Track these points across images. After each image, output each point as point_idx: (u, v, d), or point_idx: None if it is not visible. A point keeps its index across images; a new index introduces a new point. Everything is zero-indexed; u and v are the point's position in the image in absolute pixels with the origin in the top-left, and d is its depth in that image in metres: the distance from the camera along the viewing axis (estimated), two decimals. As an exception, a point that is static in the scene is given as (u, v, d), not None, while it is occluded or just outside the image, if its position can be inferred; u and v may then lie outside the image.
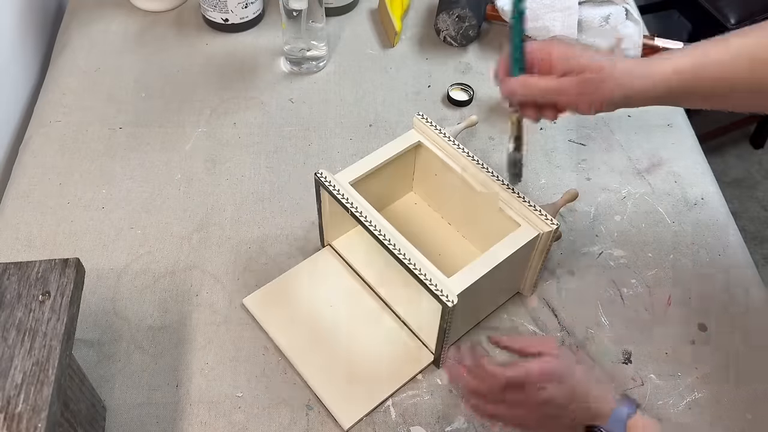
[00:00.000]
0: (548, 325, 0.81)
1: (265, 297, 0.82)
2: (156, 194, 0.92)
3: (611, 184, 0.95)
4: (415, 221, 0.88)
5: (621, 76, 0.65)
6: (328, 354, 0.78)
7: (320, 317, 0.81)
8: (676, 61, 0.65)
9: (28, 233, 0.87)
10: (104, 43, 1.11)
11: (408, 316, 0.80)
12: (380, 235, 0.72)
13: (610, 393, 0.63)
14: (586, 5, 1.08)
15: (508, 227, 0.74)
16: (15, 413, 0.52)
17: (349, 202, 0.74)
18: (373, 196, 0.80)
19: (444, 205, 0.88)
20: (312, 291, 0.83)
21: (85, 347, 0.78)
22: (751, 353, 0.79)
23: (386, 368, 0.77)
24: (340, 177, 0.77)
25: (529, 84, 0.67)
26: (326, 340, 0.79)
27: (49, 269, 0.60)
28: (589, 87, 0.65)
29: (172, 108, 1.03)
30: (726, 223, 0.91)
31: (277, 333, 0.79)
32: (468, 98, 1.04)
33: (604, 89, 0.65)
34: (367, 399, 0.75)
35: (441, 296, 0.67)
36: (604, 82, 0.65)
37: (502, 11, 1.10)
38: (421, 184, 0.89)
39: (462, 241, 0.86)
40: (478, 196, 0.78)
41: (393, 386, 0.76)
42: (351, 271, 0.85)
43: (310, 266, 0.85)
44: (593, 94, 0.66)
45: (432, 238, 0.86)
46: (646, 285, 0.85)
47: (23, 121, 1.05)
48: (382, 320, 0.81)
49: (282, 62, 1.09)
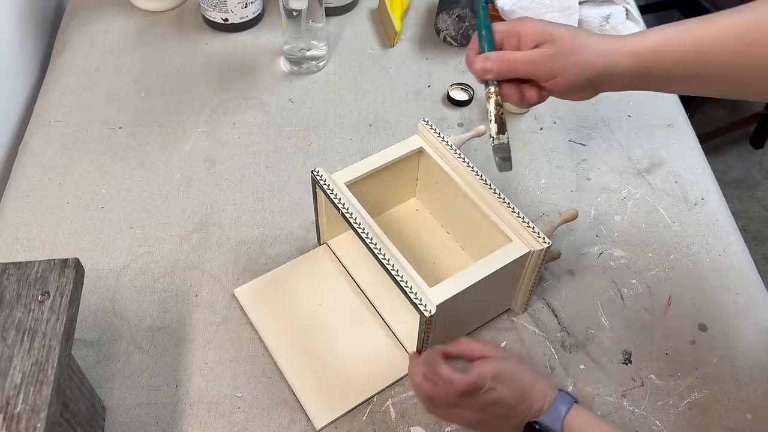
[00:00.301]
0: (548, 325, 0.81)
1: (257, 289, 0.82)
2: (155, 194, 0.92)
3: (611, 184, 0.95)
4: (414, 227, 0.88)
5: (595, 45, 0.63)
6: (311, 352, 0.77)
7: (308, 315, 0.80)
8: (654, 34, 0.63)
9: (28, 233, 0.87)
10: (104, 42, 1.11)
11: (393, 322, 0.80)
12: (367, 238, 0.71)
13: (548, 390, 0.66)
14: (586, 5, 1.08)
15: (501, 242, 0.73)
16: (14, 413, 0.52)
17: (341, 202, 0.74)
18: (373, 199, 0.80)
19: (444, 214, 0.87)
20: (303, 288, 0.83)
21: (84, 347, 0.78)
22: (751, 354, 0.79)
23: (367, 372, 0.76)
24: (337, 177, 0.77)
25: (503, 58, 0.64)
26: (310, 338, 0.78)
27: (49, 269, 0.60)
28: (564, 54, 0.63)
29: (172, 108, 1.03)
30: (726, 223, 0.91)
31: (263, 326, 0.79)
32: (468, 98, 1.04)
33: (579, 56, 0.63)
34: (344, 401, 0.74)
35: (419, 305, 0.66)
36: (577, 48, 0.63)
37: (502, 11, 1.10)
38: (423, 191, 0.88)
39: (459, 252, 0.85)
40: (475, 208, 0.76)
41: (371, 390, 0.75)
42: (344, 271, 0.84)
43: (304, 263, 0.85)
44: (568, 60, 0.63)
45: (428, 246, 0.85)
46: (646, 285, 0.85)
47: (23, 121, 1.05)
48: (369, 323, 0.80)
49: (282, 62, 1.09)
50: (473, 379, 0.63)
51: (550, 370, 0.78)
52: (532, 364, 0.78)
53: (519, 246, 0.72)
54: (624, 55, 0.63)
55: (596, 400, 0.75)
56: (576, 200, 0.93)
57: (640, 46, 0.63)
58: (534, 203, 0.93)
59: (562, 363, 0.78)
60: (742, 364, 0.78)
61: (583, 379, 0.77)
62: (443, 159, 0.80)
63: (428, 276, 0.79)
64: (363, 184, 0.79)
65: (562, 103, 1.04)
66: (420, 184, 0.88)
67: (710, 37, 0.61)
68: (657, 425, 0.74)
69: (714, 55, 0.61)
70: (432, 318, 0.66)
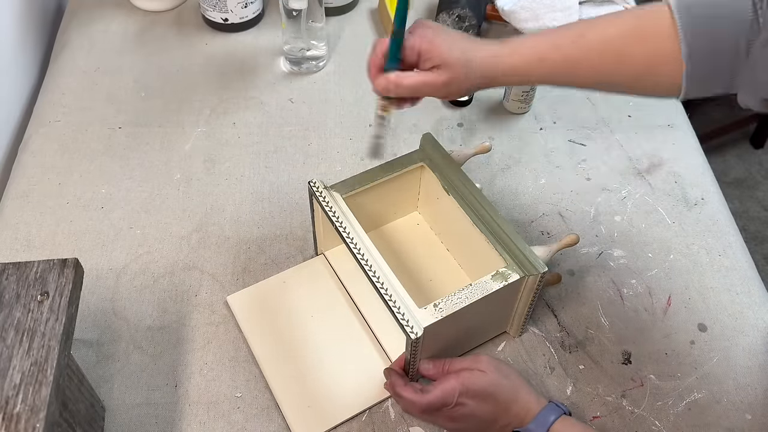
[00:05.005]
0: (548, 325, 0.81)
1: (249, 298, 0.81)
2: (155, 194, 0.92)
3: (611, 184, 0.95)
4: (413, 242, 0.86)
5: (480, 65, 0.67)
6: (299, 365, 0.76)
7: (299, 327, 0.79)
8: (530, 50, 0.67)
9: (27, 233, 0.87)
10: (104, 43, 1.11)
11: (384, 339, 0.78)
12: (359, 254, 0.70)
13: (532, 404, 0.67)
14: (586, 5, 1.08)
15: (497, 264, 0.71)
16: (13, 413, 0.52)
17: (335, 215, 0.73)
18: (373, 211, 0.79)
19: (444, 231, 0.85)
20: (296, 299, 0.82)
21: (84, 347, 0.78)
22: (751, 354, 0.79)
23: (354, 389, 0.75)
24: (335, 189, 0.75)
25: (401, 83, 0.68)
26: (300, 350, 0.77)
27: (48, 269, 0.60)
28: (455, 82, 0.67)
29: (172, 108, 1.03)
30: (726, 224, 0.91)
31: (252, 336, 0.78)
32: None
33: (468, 81, 0.68)
34: (328, 418, 0.73)
35: (406, 327, 0.64)
36: (469, 74, 0.67)
37: (502, 11, 1.10)
38: (425, 205, 0.87)
39: (457, 270, 0.83)
40: (473, 228, 0.75)
41: (356, 409, 0.74)
42: (340, 284, 0.83)
43: (299, 273, 0.84)
44: (459, 86, 0.68)
45: (426, 262, 0.84)
46: (646, 285, 0.85)
47: (23, 121, 1.05)
48: (360, 339, 0.79)
49: (282, 62, 1.09)
50: (432, 399, 0.67)
51: (549, 370, 0.77)
52: (532, 364, 0.78)
53: (514, 270, 0.70)
54: (504, 75, 0.68)
55: (596, 400, 0.75)
56: (576, 200, 0.93)
57: (517, 63, 0.67)
58: (534, 203, 0.93)
59: (561, 363, 0.78)
60: (742, 364, 0.78)
61: (583, 379, 0.77)
62: (444, 175, 0.79)
63: (422, 294, 0.78)
64: (363, 196, 0.78)
65: (562, 103, 1.04)
66: (422, 199, 0.86)
67: (582, 56, 0.66)
68: (657, 425, 0.74)
69: (583, 69, 0.67)
70: (419, 340, 0.65)
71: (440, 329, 0.66)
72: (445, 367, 0.70)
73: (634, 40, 0.64)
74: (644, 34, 0.64)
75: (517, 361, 0.78)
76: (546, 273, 0.70)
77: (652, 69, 0.64)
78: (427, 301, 0.67)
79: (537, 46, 0.67)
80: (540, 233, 0.89)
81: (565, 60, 0.66)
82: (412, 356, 0.68)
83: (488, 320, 0.76)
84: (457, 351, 0.77)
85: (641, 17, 0.65)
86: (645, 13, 0.64)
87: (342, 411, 0.73)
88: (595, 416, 0.74)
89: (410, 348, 0.67)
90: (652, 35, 0.63)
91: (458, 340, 0.75)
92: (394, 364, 0.73)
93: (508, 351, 0.79)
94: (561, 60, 0.66)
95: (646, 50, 0.63)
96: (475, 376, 0.67)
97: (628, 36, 0.65)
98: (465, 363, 0.69)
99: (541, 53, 0.67)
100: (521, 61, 0.67)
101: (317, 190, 0.75)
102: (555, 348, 0.79)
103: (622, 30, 0.65)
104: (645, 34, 0.64)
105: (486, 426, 0.68)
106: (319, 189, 0.75)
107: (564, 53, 0.66)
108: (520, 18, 1.09)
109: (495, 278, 0.69)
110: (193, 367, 0.77)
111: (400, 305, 0.66)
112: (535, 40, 0.68)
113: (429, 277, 0.83)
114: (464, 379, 0.67)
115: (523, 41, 0.68)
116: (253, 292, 0.82)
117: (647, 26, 0.64)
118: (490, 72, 0.68)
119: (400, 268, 0.82)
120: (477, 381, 0.67)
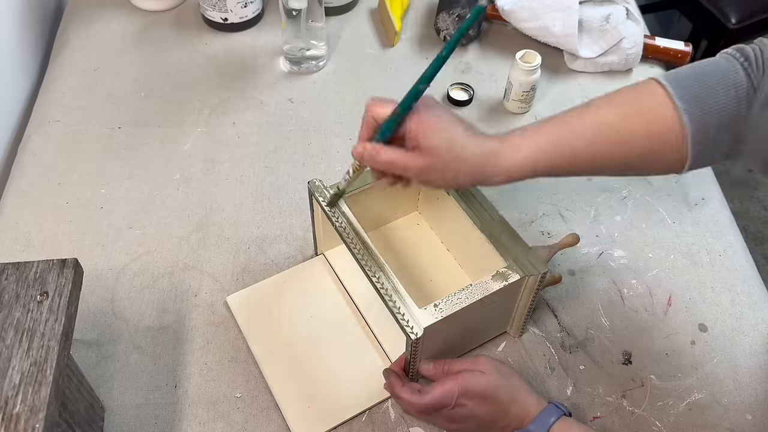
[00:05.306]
0: (548, 325, 0.81)
1: (249, 298, 0.81)
2: (155, 194, 0.92)
3: (611, 184, 0.95)
4: (413, 242, 0.86)
5: (467, 162, 0.63)
6: (299, 365, 0.76)
7: (298, 327, 0.79)
8: (525, 154, 0.64)
9: (27, 233, 0.87)
10: (103, 43, 1.11)
11: (384, 339, 0.78)
12: (359, 254, 0.69)
13: (532, 406, 0.67)
14: (586, 5, 1.08)
15: (497, 265, 0.71)
16: (13, 414, 0.52)
17: (335, 215, 0.73)
18: (373, 212, 0.79)
19: (444, 231, 0.85)
20: (296, 299, 0.81)
21: (83, 347, 0.77)
22: (751, 354, 0.79)
23: (354, 389, 0.74)
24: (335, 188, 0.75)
25: (377, 158, 0.64)
26: (299, 350, 0.77)
27: (47, 269, 0.60)
28: (435, 169, 0.63)
29: (171, 108, 1.03)
30: (726, 224, 0.91)
31: (252, 336, 0.78)
32: (468, 98, 1.04)
33: (448, 173, 0.63)
34: (327, 418, 0.73)
35: (406, 327, 0.64)
36: (449, 167, 0.63)
37: (502, 11, 1.10)
38: (425, 205, 0.87)
39: (457, 271, 0.83)
40: (473, 228, 0.75)
41: (356, 409, 0.73)
42: (339, 284, 0.83)
43: (299, 273, 0.84)
44: (438, 174, 0.63)
45: (426, 263, 0.84)
46: (646, 285, 0.85)
47: (22, 121, 1.05)
48: (359, 340, 0.79)
49: (281, 62, 1.09)
50: (431, 400, 0.67)
51: (550, 371, 0.77)
52: (532, 364, 0.78)
53: (514, 271, 0.70)
54: (496, 176, 0.64)
55: (596, 401, 0.75)
56: (576, 200, 0.93)
57: (513, 166, 0.64)
58: (533, 203, 0.92)
59: (562, 363, 0.78)
60: (742, 365, 0.78)
61: (583, 379, 0.77)
62: None
63: (422, 294, 0.78)
64: (363, 196, 0.78)
65: (562, 103, 1.04)
66: (422, 199, 0.86)
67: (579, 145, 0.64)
68: (657, 426, 0.74)
69: (580, 161, 0.65)
70: (419, 340, 0.65)
71: (440, 329, 0.66)
72: (445, 367, 0.70)
73: (634, 117, 0.64)
74: (641, 109, 0.64)
75: (517, 361, 0.78)
76: (546, 273, 0.70)
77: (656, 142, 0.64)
78: (427, 302, 0.67)
79: (538, 144, 0.65)
80: (540, 233, 0.89)
81: (561, 156, 0.65)
82: (412, 356, 0.68)
83: (488, 320, 0.76)
84: (457, 351, 0.77)
85: (636, 91, 0.65)
86: (639, 89, 0.65)
87: (342, 411, 0.73)
88: (595, 416, 0.74)
89: (410, 348, 0.67)
90: (649, 108, 0.63)
91: (458, 341, 0.75)
92: (393, 364, 0.73)
93: (509, 351, 0.79)
94: (558, 156, 0.65)
95: (647, 124, 0.63)
96: (474, 377, 0.67)
97: (627, 116, 0.64)
98: (465, 364, 0.69)
99: (535, 160, 0.65)
100: (517, 162, 0.65)
101: (317, 191, 0.75)
102: (555, 348, 0.79)
103: (620, 111, 0.64)
104: (642, 108, 0.64)
105: (486, 427, 0.68)
106: (318, 189, 0.75)
107: (566, 146, 0.65)
108: (520, 17, 1.09)
109: (495, 278, 0.69)
110: (192, 368, 0.77)
111: (400, 305, 0.66)
112: (532, 134, 0.66)
113: (429, 277, 0.83)
114: (463, 380, 0.67)
115: (519, 137, 0.66)
116: (252, 293, 0.82)
117: (644, 100, 0.64)
118: (478, 170, 0.64)
119: (400, 269, 0.82)
120: (476, 382, 0.67)
